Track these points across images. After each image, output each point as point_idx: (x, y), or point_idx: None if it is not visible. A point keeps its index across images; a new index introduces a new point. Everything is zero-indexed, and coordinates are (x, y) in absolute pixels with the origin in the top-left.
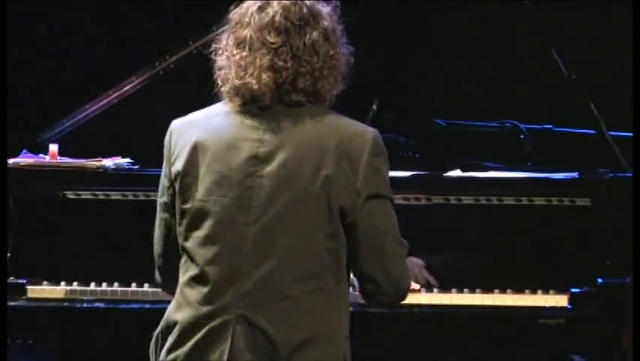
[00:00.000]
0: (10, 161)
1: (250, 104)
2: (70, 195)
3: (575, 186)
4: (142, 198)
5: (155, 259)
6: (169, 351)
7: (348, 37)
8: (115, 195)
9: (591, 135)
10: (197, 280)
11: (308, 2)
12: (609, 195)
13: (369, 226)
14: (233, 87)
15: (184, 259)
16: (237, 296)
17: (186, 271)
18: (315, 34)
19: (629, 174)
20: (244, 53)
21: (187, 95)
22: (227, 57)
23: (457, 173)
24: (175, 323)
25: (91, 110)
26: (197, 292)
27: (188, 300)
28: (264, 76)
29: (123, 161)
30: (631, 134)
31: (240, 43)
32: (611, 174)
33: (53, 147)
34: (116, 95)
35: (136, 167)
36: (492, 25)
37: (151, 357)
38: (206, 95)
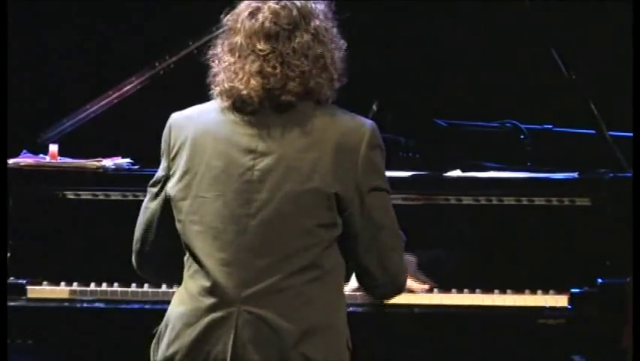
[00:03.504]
0: (10, 161)
1: (241, 106)
2: (70, 195)
3: (575, 186)
4: (142, 198)
5: (133, 244)
6: (169, 345)
7: (348, 36)
8: (115, 195)
9: (591, 135)
10: (198, 273)
11: (298, 3)
12: (609, 195)
13: (368, 220)
14: (224, 90)
15: (187, 255)
16: (239, 288)
17: (189, 267)
18: (305, 36)
19: (629, 174)
20: (233, 59)
21: (187, 95)
22: (220, 63)
23: (457, 173)
24: (175, 318)
25: (91, 110)
26: (198, 285)
27: (190, 293)
28: (253, 81)
29: (123, 161)
30: (631, 134)
31: (231, 50)
32: (611, 174)
33: (53, 147)
34: (116, 95)
35: (136, 167)
36: (492, 25)
37: (151, 354)
38: (206, 96)
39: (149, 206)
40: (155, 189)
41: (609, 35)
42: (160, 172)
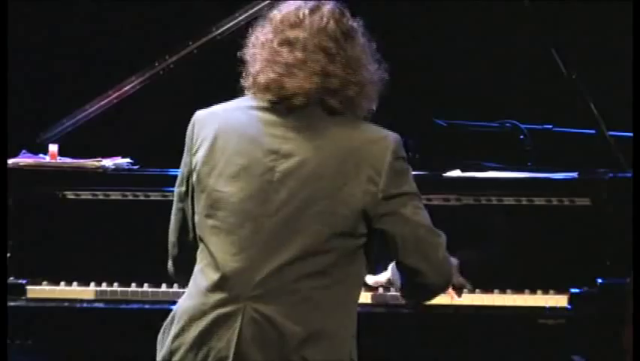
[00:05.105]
0: (10, 161)
1: (280, 103)
2: (70, 195)
3: (575, 186)
4: (142, 198)
5: (169, 249)
6: (175, 338)
7: None
8: (115, 195)
9: (591, 135)
10: (209, 268)
11: (346, 17)
12: (609, 195)
13: (401, 222)
14: (267, 83)
15: (200, 248)
16: (248, 286)
17: (201, 261)
18: (358, 48)
19: (629, 174)
20: (298, 54)
21: (187, 95)
22: (270, 53)
23: (457, 173)
24: (182, 311)
25: (91, 110)
26: (207, 280)
27: (199, 287)
28: (315, 79)
29: (123, 161)
30: (631, 134)
31: (289, 43)
32: (611, 174)
33: (53, 147)
34: (116, 95)
35: (136, 167)
36: (492, 25)
37: (158, 346)
38: (207, 95)
39: (179, 207)
40: (182, 188)
41: (609, 35)
42: (183, 168)
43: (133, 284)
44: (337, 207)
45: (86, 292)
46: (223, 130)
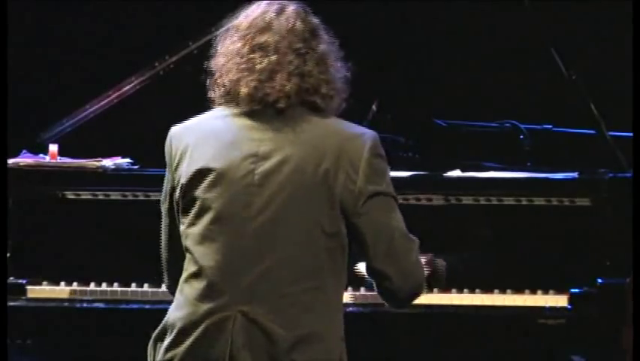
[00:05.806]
0: (10, 161)
1: (266, 107)
2: (70, 195)
3: (575, 186)
4: (141, 198)
5: (163, 265)
6: (167, 350)
7: (348, 36)
8: (114, 195)
9: (591, 135)
10: (195, 277)
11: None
12: (609, 195)
13: (375, 223)
14: (249, 94)
15: (187, 258)
16: (236, 292)
17: (187, 270)
18: (324, 45)
19: (629, 174)
20: (272, 58)
21: (187, 96)
22: (244, 62)
23: (457, 173)
24: (173, 322)
25: (91, 110)
26: (195, 290)
27: (187, 298)
28: (294, 80)
29: (123, 161)
30: (631, 134)
31: (261, 48)
32: (611, 174)
33: (53, 147)
34: (115, 95)
35: (135, 167)
36: (492, 25)
37: (148, 357)
38: (207, 96)
39: (166, 224)
40: (166, 205)
41: (609, 35)
42: (166, 185)
43: (133, 284)
44: (319, 206)
45: (85, 292)
46: (200, 139)
